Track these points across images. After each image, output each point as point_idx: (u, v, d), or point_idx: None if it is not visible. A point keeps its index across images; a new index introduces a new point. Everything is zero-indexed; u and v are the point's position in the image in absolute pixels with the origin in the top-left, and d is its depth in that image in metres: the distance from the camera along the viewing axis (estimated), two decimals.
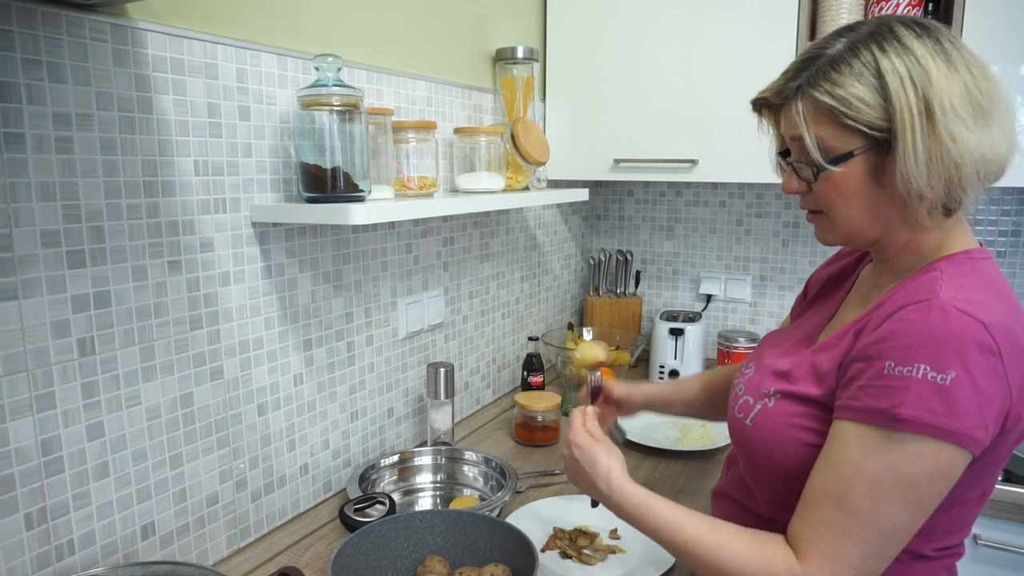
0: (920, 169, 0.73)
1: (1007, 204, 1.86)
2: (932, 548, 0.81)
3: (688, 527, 0.82)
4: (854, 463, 0.73)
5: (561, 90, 1.89)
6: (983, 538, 1.42)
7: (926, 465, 0.70)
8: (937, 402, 0.69)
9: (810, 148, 0.79)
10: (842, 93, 0.76)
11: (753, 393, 0.89)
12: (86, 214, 0.87)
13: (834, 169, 0.78)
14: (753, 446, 0.87)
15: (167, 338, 0.99)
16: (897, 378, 0.71)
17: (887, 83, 0.74)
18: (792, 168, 0.85)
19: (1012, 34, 1.49)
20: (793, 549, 0.76)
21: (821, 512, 0.75)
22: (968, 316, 0.70)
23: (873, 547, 0.73)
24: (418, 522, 1.02)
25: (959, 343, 0.69)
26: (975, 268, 0.78)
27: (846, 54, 0.77)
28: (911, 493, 0.71)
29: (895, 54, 0.75)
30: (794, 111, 0.80)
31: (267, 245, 1.13)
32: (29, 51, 0.80)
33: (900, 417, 0.70)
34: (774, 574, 0.75)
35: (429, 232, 1.53)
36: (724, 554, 0.78)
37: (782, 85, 0.82)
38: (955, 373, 0.68)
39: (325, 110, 1.05)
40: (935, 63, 0.74)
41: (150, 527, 0.99)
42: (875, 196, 0.79)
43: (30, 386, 0.84)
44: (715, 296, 2.24)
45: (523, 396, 1.59)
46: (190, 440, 1.04)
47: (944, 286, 0.74)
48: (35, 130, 0.81)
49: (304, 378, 1.23)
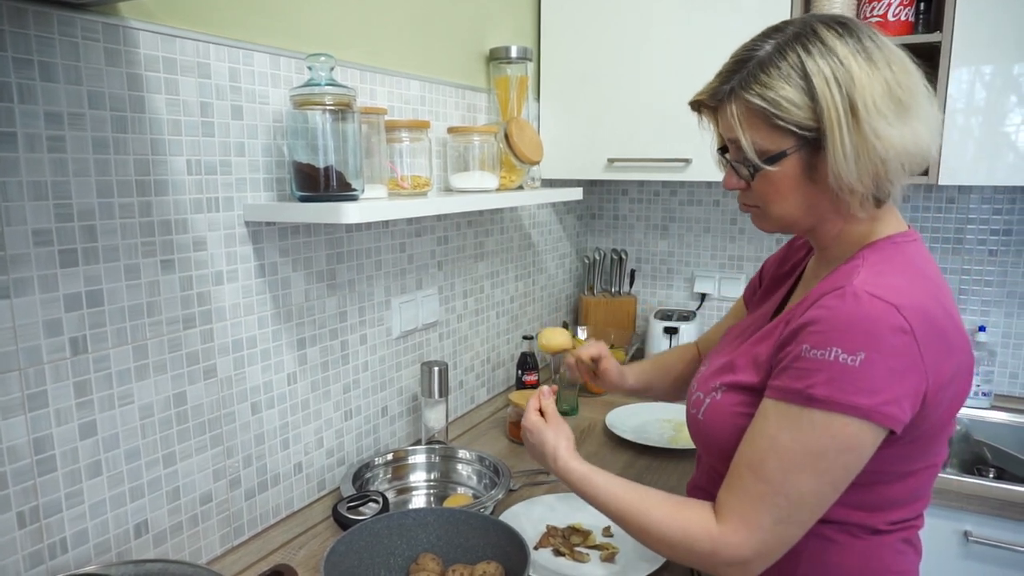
0: (849, 165, 0.77)
1: (998, 203, 1.87)
2: (886, 522, 0.85)
3: (621, 497, 0.89)
4: (770, 437, 0.79)
5: (555, 89, 1.90)
6: (974, 535, 1.43)
7: (833, 439, 0.75)
8: (847, 382, 0.73)
9: (746, 149, 0.82)
10: (772, 95, 0.79)
11: (703, 389, 0.94)
12: (78, 213, 0.88)
13: (769, 168, 0.82)
14: (706, 438, 0.92)
15: (160, 337, 0.99)
16: (813, 360, 0.75)
17: (813, 84, 0.77)
18: (731, 166, 0.88)
19: (1003, 34, 1.50)
20: (716, 514, 0.82)
21: (741, 480, 0.81)
22: (879, 300, 0.74)
23: (783, 513, 0.78)
24: (411, 520, 1.03)
25: (869, 325, 0.73)
26: (897, 251, 0.82)
27: (774, 56, 0.80)
28: (819, 463, 0.76)
29: (819, 55, 0.78)
30: (728, 113, 0.83)
31: (260, 244, 1.13)
32: (20, 50, 0.80)
33: (813, 396, 0.75)
34: (691, 534, 0.82)
35: (423, 231, 1.53)
36: (649, 520, 0.86)
37: (716, 88, 0.85)
38: (864, 354, 0.73)
39: (318, 109, 1.05)
40: (857, 62, 0.77)
41: (143, 525, 1.00)
42: (809, 191, 0.83)
43: (22, 385, 0.84)
44: (709, 295, 2.25)
45: (517, 395, 1.59)
46: (183, 439, 1.04)
47: (862, 273, 0.78)
48: (27, 129, 0.82)
49: (298, 377, 1.23)
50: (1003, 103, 1.52)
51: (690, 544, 0.82)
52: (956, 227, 1.92)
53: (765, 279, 1.09)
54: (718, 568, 0.82)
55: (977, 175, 1.56)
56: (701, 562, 0.83)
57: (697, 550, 0.82)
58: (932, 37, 1.57)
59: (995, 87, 1.52)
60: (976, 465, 1.74)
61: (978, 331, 1.86)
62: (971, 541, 1.43)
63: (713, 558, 0.81)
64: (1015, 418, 1.78)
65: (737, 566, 0.80)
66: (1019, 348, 1.89)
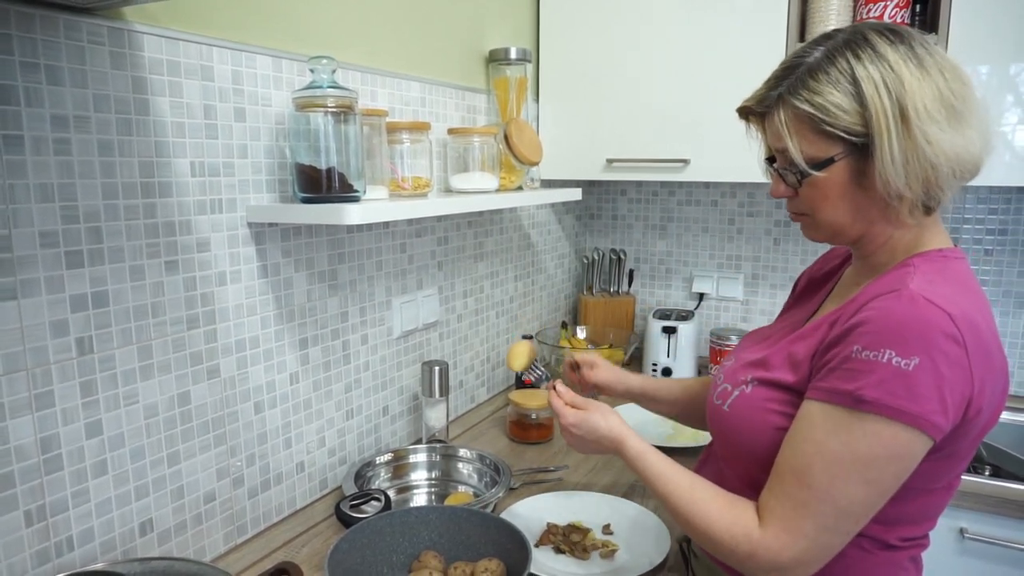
0: (898, 170, 0.76)
1: (994, 203, 1.88)
2: (898, 537, 0.84)
3: (671, 481, 0.89)
4: (817, 441, 0.77)
5: (554, 90, 1.91)
6: (970, 532, 1.44)
7: (884, 446, 0.73)
8: (899, 386, 0.72)
9: (793, 156, 0.82)
10: (820, 101, 0.79)
11: (731, 381, 0.93)
12: (84, 215, 0.89)
13: (817, 174, 0.81)
14: (729, 430, 0.91)
15: (164, 337, 1.00)
16: (864, 362, 0.74)
17: (862, 89, 0.77)
18: (778, 174, 0.88)
19: (998, 35, 1.50)
20: (759, 517, 0.81)
21: (784, 485, 0.79)
22: (935, 306, 0.73)
23: (828, 521, 0.76)
24: (413, 518, 1.04)
25: (925, 330, 0.72)
26: (947, 265, 0.81)
27: (823, 62, 0.80)
28: (868, 472, 0.75)
29: (869, 61, 0.77)
30: (776, 120, 0.83)
31: (263, 245, 1.14)
32: (27, 54, 0.81)
33: (863, 399, 0.73)
34: (734, 535, 0.81)
35: (423, 232, 1.54)
36: (696, 510, 0.85)
37: (764, 94, 0.85)
38: (919, 359, 0.71)
39: (320, 111, 1.06)
40: (907, 68, 0.77)
41: (148, 524, 1.01)
42: (857, 197, 0.82)
43: (29, 385, 0.85)
44: (707, 294, 2.26)
45: (517, 394, 1.60)
46: (187, 438, 1.05)
47: (916, 279, 0.77)
48: (33, 132, 0.83)
49: (300, 376, 1.25)
50: (1000, 103, 1.53)
51: (732, 544, 0.81)
52: (952, 227, 1.93)
53: (799, 288, 1.07)
54: (756, 573, 0.81)
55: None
56: (739, 563, 0.82)
57: (738, 551, 0.81)
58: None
59: (991, 87, 1.53)
60: (972, 463, 1.76)
61: None
62: (967, 538, 1.45)
63: (751, 561, 0.80)
64: (1011, 417, 1.80)
65: (775, 573, 0.79)
66: (1015, 347, 1.90)
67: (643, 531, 1.18)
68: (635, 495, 1.31)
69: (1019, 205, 1.85)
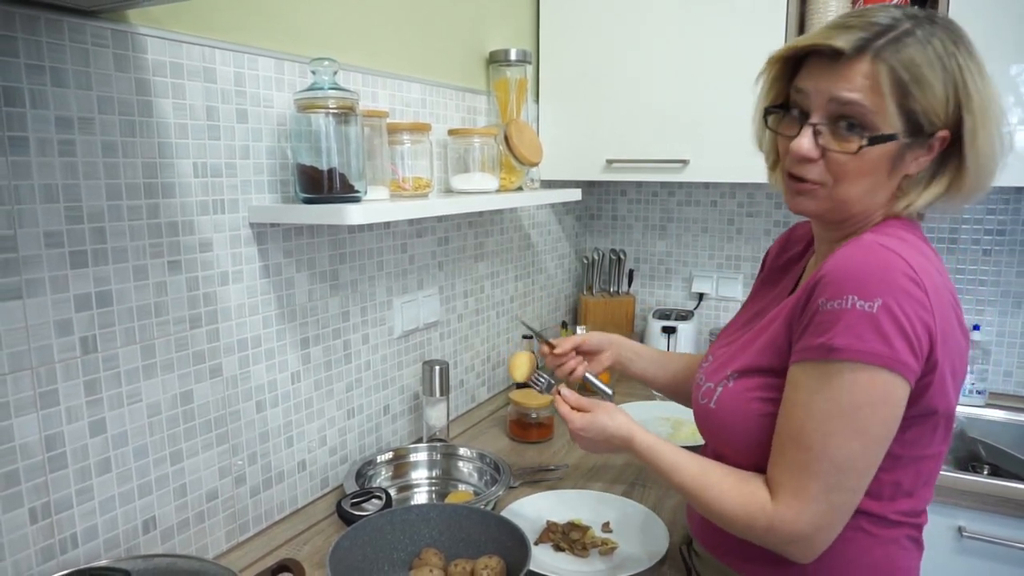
0: (980, 164, 0.78)
1: (992, 203, 1.89)
2: (896, 512, 0.84)
3: (683, 470, 0.90)
4: (803, 403, 0.78)
5: (554, 92, 1.92)
6: (968, 530, 1.45)
7: (865, 391, 0.74)
8: (866, 328, 0.73)
9: (874, 117, 0.76)
10: (918, 74, 0.75)
11: (713, 380, 0.94)
12: (88, 215, 0.89)
13: (874, 146, 0.77)
14: (718, 426, 0.92)
15: (167, 336, 1.01)
16: (829, 312, 0.75)
17: (965, 79, 0.76)
18: (813, 129, 0.80)
19: (998, 35, 1.51)
20: (770, 491, 0.82)
21: (785, 453, 0.80)
22: (891, 251, 0.75)
23: (831, 480, 0.77)
24: (414, 515, 1.04)
25: (884, 273, 0.74)
26: (901, 225, 0.83)
27: (919, 38, 0.76)
28: (855, 422, 0.75)
29: (967, 55, 0.78)
30: (866, 72, 0.76)
31: (265, 245, 1.15)
32: (32, 56, 0.82)
33: (833, 347, 0.75)
34: (750, 512, 0.82)
35: (424, 232, 1.55)
36: (711, 496, 0.86)
37: (862, 39, 0.76)
38: (881, 300, 0.73)
39: (321, 112, 1.07)
40: (982, 70, 0.78)
41: (151, 522, 1.01)
42: (880, 181, 0.81)
43: (34, 383, 0.86)
44: (707, 294, 2.27)
45: (517, 394, 1.61)
46: (190, 436, 1.06)
47: (870, 233, 0.80)
48: (38, 133, 0.83)
49: (301, 376, 1.25)
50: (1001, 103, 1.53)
51: (750, 521, 0.82)
52: (951, 227, 1.94)
53: (766, 269, 1.08)
54: (779, 547, 0.81)
55: None
56: (761, 539, 0.82)
57: (756, 527, 0.81)
58: None
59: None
60: (971, 462, 1.76)
61: (972, 330, 1.88)
62: (965, 536, 1.45)
63: (772, 535, 0.80)
64: (1009, 416, 1.80)
65: (798, 543, 0.79)
66: (1013, 347, 1.91)
67: (642, 529, 1.19)
68: (634, 493, 1.32)
69: (1017, 205, 1.86)
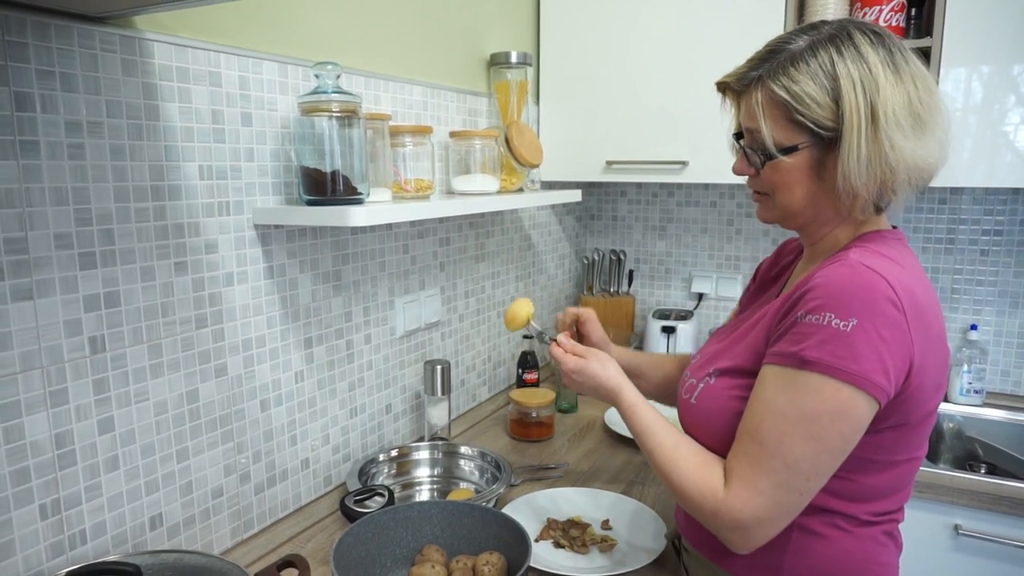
0: (860, 169, 0.80)
1: (989, 204, 1.90)
2: (870, 512, 0.87)
3: (657, 436, 0.94)
4: (767, 399, 0.82)
5: (554, 93, 1.93)
6: (964, 528, 1.46)
7: (826, 403, 0.78)
8: (839, 346, 0.76)
9: (764, 137, 0.85)
10: (797, 90, 0.82)
11: (696, 376, 0.97)
12: (97, 217, 0.91)
13: (781, 159, 0.85)
14: (697, 422, 0.95)
15: (174, 336, 1.03)
16: (807, 325, 0.79)
17: (840, 86, 0.80)
18: (744, 152, 0.92)
19: (998, 36, 1.52)
20: (724, 478, 0.85)
21: (742, 444, 0.84)
22: (874, 272, 0.78)
23: (780, 477, 0.80)
24: (416, 513, 1.06)
25: (864, 294, 0.77)
26: (884, 241, 0.86)
27: (806, 52, 0.83)
28: (812, 428, 0.79)
29: (850, 59, 0.81)
30: (752, 100, 0.87)
31: (269, 246, 1.17)
32: (43, 62, 0.84)
33: (806, 359, 0.78)
34: (703, 493, 0.86)
35: (426, 233, 1.56)
36: (674, 468, 0.90)
37: (744, 73, 0.88)
38: (856, 321, 0.76)
39: (325, 116, 1.08)
40: (884, 72, 0.80)
41: (158, 518, 1.03)
42: (814, 187, 0.87)
43: (44, 382, 0.88)
44: (706, 294, 2.28)
45: (518, 393, 1.63)
46: (196, 435, 1.08)
47: (856, 251, 0.82)
48: (49, 137, 0.85)
49: (305, 375, 1.27)
50: (1001, 103, 1.54)
51: (700, 501, 0.85)
52: (948, 227, 1.95)
53: (757, 280, 1.12)
54: (721, 532, 0.84)
55: (974, 176, 1.58)
56: (707, 521, 0.86)
57: (704, 508, 0.85)
58: (923, 42, 1.60)
59: (992, 87, 1.55)
60: (968, 461, 1.78)
61: (970, 330, 1.90)
62: (961, 534, 1.47)
63: (716, 519, 0.84)
64: (1007, 415, 1.81)
65: (738, 532, 0.82)
66: (1010, 346, 1.92)
67: (641, 526, 1.20)
68: (633, 491, 1.33)
69: (1015, 206, 1.87)
